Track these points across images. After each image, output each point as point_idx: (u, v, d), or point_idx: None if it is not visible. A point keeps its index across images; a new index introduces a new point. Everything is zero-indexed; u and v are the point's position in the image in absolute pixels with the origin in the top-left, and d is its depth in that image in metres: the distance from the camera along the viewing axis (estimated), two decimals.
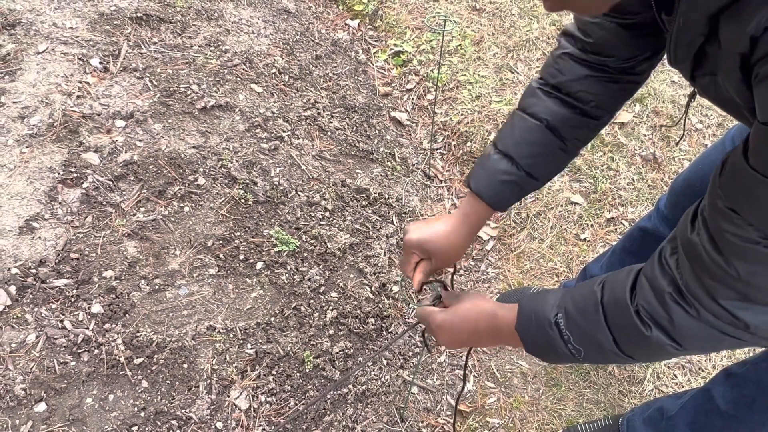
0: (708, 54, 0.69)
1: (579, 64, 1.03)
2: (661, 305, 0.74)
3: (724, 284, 0.68)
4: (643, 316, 0.76)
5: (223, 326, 1.69)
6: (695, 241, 0.70)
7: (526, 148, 1.07)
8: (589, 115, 1.05)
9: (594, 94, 1.03)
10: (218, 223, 1.90)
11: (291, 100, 2.35)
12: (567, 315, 0.84)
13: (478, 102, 2.43)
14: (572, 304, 0.85)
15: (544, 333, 0.87)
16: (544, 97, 1.06)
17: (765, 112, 0.58)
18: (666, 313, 0.74)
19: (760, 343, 0.73)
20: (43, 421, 1.47)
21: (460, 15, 2.79)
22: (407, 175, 2.25)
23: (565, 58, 1.04)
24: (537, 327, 0.88)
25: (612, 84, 1.03)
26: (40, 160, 1.91)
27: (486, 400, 1.72)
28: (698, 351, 0.84)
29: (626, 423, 1.54)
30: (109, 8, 2.44)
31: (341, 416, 1.61)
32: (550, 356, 0.91)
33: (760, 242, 0.63)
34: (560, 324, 0.84)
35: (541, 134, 1.06)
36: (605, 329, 0.80)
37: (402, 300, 1.85)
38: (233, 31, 2.53)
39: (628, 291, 0.78)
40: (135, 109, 2.11)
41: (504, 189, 1.09)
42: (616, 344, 0.80)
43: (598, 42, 1.00)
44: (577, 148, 1.11)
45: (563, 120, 1.05)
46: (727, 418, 1.26)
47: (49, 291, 1.66)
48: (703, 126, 2.46)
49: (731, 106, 0.72)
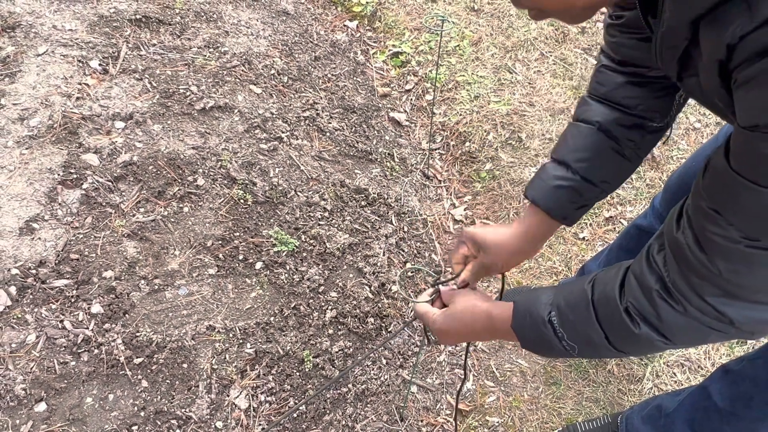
0: (693, 57, 0.70)
1: (616, 73, 1.06)
2: (649, 302, 0.76)
3: (709, 282, 0.69)
4: (632, 313, 0.78)
5: (223, 326, 1.70)
6: (680, 240, 0.72)
7: (579, 152, 1.07)
8: (640, 116, 1.06)
9: (637, 98, 1.04)
10: (218, 224, 1.91)
11: (290, 100, 2.36)
12: (560, 313, 0.86)
13: (476, 102, 2.44)
14: (564, 302, 0.87)
15: (538, 331, 0.89)
16: (594, 102, 1.09)
17: (744, 117, 0.60)
18: (654, 310, 0.75)
19: (745, 336, 0.75)
20: (44, 420, 1.48)
21: (458, 16, 2.80)
22: (406, 175, 2.26)
23: (603, 70, 1.07)
24: (532, 325, 0.90)
25: (652, 85, 1.04)
26: (40, 162, 1.92)
27: (485, 399, 1.73)
28: (688, 345, 0.86)
29: (625, 421, 1.55)
30: (109, 10, 2.45)
31: (341, 415, 1.62)
32: (546, 352, 0.93)
33: (741, 242, 0.64)
34: (554, 322, 0.87)
35: (593, 137, 1.07)
36: (597, 326, 0.82)
37: (402, 299, 1.85)
38: (232, 33, 2.54)
39: (617, 288, 0.80)
40: (134, 110, 2.12)
41: (559, 194, 1.08)
42: (607, 340, 0.82)
43: (627, 58, 1.03)
44: (636, 151, 1.08)
45: (615, 120, 1.06)
46: (725, 415, 1.26)
47: (49, 291, 1.67)
48: (701, 125, 2.46)
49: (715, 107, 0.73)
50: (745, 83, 0.58)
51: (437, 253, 2.05)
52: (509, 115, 2.39)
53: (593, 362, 1.80)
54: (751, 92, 0.58)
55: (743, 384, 1.22)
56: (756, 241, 0.64)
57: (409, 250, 2.02)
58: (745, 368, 1.22)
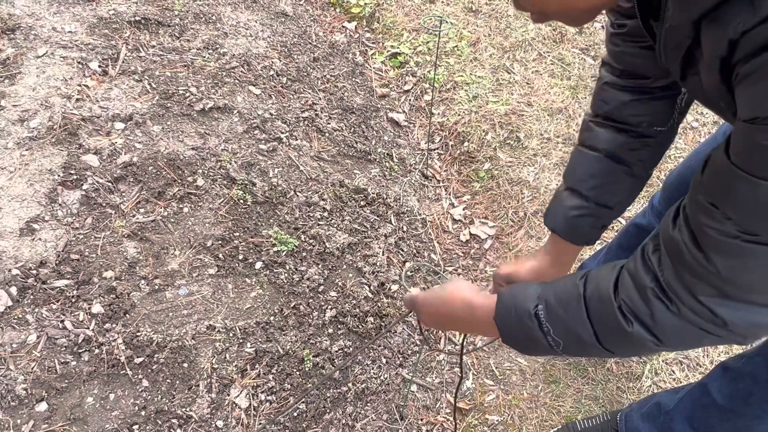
0: (695, 56, 0.71)
1: (620, 91, 1.06)
2: (643, 301, 0.75)
3: (704, 281, 0.69)
4: (625, 311, 0.77)
5: (223, 325, 1.70)
6: (677, 238, 0.72)
7: (590, 180, 1.10)
8: (645, 135, 1.07)
9: (642, 115, 1.05)
10: (217, 224, 1.91)
11: (289, 101, 2.37)
12: (548, 307, 0.85)
13: (474, 102, 2.45)
14: (554, 297, 0.85)
15: (522, 324, 0.87)
16: (597, 128, 1.10)
17: (745, 110, 0.60)
18: (648, 309, 0.75)
19: (738, 340, 0.74)
20: (45, 420, 1.48)
21: (456, 16, 2.81)
22: (405, 175, 2.27)
23: (606, 88, 1.08)
24: (516, 318, 0.88)
25: (656, 101, 1.05)
26: (40, 163, 1.93)
27: (485, 398, 1.73)
28: (678, 347, 0.85)
29: (624, 418, 1.55)
30: (108, 12, 2.46)
31: (341, 414, 1.62)
32: (527, 348, 0.91)
33: (739, 236, 0.65)
34: (540, 316, 0.85)
35: (602, 164, 1.09)
36: (587, 323, 0.81)
37: (402, 298, 1.86)
38: (231, 34, 2.55)
39: (611, 286, 0.79)
40: (134, 111, 2.12)
41: (578, 223, 1.12)
42: (596, 338, 0.81)
43: (629, 68, 1.03)
44: (646, 169, 1.10)
45: (621, 146, 1.07)
46: (724, 412, 1.27)
47: (50, 292, 1.67)
48: (698, 124, 2.47)
49: (715, 106, 0.73)
50: (747, 77, 0.59)
51: (436, 253, 2.05)
52: (507, 115, 2.40)
53: (592, 360, 1.81)
54: (752, 86, 0.59)
55: (742, 381, 1.22)
56: (754, 236, 0.64)
57: (408, 250, 2.02)
58: (745, 365, 1.22)
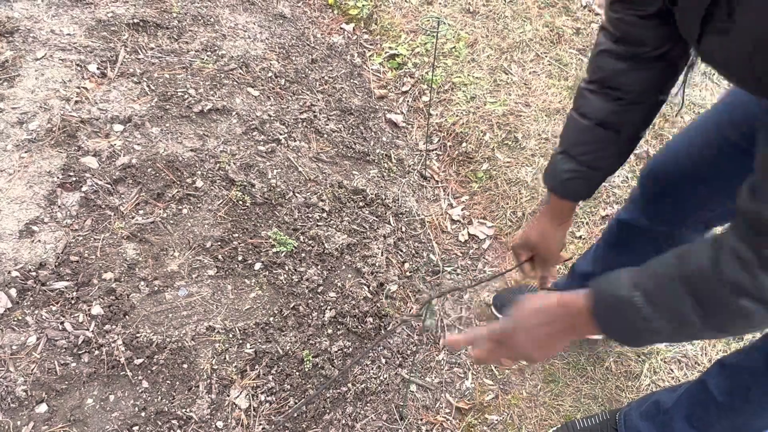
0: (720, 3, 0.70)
1: (615, 59, 1.07)
2: (748, 272, 0.73)
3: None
4: (732, 287, 0.74)
5: (223, 326, 1.71)
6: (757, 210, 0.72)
7: (582, 146, 1.15)
8: (636, 102, 1.09)
9: (635, 83, 1.07)
10: (216, 225, 1.92)
11: (287, 103, 2.38)
12: (646, 294, 0.81)
13: (472, 103, 2.46)
14: (651, 282, 0.82)
15: (623, 315, 0.83)
16: (590, 96, 1.12)
17: None
18: (754, 281, 0.72)
19: None
20: (45, 421, 1.48)
21: (454, 18, 2.82)
22: (404, 176, 2.27)
23: (602, 55, 1.09)
24: (616, 310, 0.84)
25: (649, 71, 1.06)
26: (39, 165, 1.93)
27: (484, 397, 1.73)
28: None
29: (623, 417, 1.55)
30: (107, 15, 2.46)
31: (341, 414, 1.62)
32: (630, 338, 0.88)
33: None
34: (639, 304, 0.81)
35: (593, 132, 1.13)
36: (691, 303, 0.78)
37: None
38: (229, 36, 2.55)
39: (710, 261, 0.76)
40: (133, 113, 2.13)
41: (572, 184, 1.19)
42: (703, 318, 0.78)
43: (626, 35, 1.04)
44: (637, 131, 1.14)
45: (612, 113, 1.10)
46: (723, 409, 1.27)
47: (50, 293, 1.67)
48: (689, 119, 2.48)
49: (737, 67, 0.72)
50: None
51: (435, 253, 2.06)
52: (505, 116, 2.41)
53: (591, 359, 1.81)
54: None
55: (741, 377, 1.23)
56: None
57: (407, 250, 2.03)
58: (742, 361, 1.23)
